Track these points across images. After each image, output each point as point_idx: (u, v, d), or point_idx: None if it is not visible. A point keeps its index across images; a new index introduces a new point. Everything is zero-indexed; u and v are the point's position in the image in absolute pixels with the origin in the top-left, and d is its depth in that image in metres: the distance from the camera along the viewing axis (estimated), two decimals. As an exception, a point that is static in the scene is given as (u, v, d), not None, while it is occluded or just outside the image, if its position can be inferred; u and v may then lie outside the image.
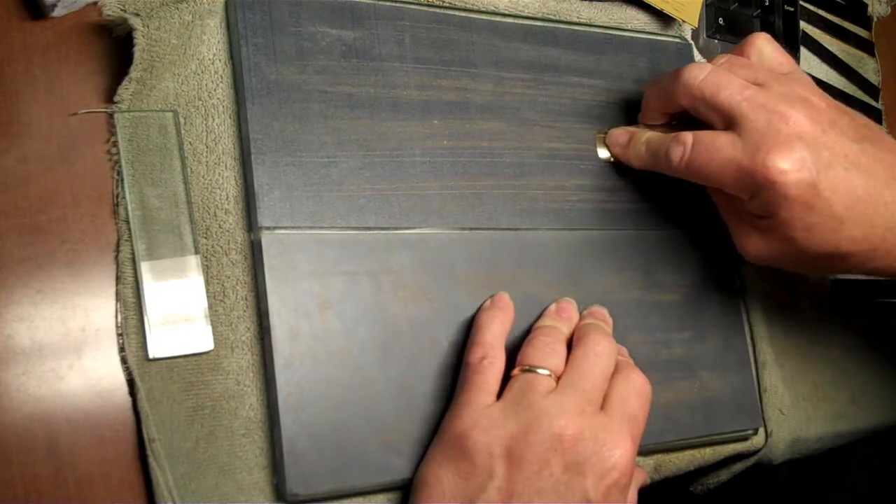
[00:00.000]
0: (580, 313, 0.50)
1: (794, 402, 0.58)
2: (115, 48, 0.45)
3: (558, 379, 0.44)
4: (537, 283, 0.51)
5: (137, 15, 0.44)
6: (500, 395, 0.44)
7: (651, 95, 0.53)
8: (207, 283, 0.44)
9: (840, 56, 0.74)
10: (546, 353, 0.45)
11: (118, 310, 0.42)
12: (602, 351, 0.45)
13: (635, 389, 0.45)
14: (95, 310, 0.42)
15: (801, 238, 0.46)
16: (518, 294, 0.50)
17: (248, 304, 0.44)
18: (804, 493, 0.66)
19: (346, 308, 0.45)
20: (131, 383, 0.42)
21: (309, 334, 0.44)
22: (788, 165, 0.45)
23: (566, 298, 0.50)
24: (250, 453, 0.43)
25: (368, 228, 0.47)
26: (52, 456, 0.40)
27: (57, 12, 0.44)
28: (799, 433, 0.59)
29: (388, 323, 0.46)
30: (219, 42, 0.47)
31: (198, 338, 0.43)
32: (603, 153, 0.55)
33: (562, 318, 0.48)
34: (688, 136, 0.49)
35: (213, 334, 0.43)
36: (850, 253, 0.47)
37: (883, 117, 0.75)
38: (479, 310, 0.48)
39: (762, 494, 0.66)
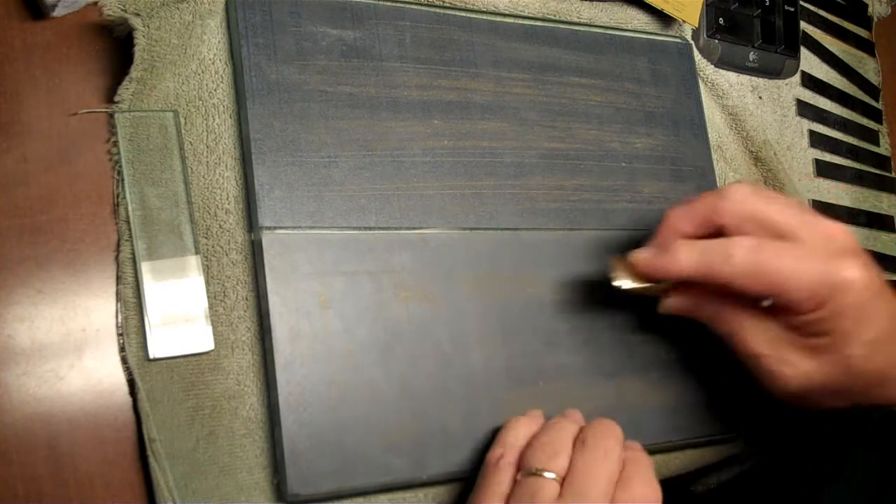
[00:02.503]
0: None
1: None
2: (116, 48, 0.45)
3: (563, 480, 0.42)
4: (537, 283, 0.51)
5: (138, 15, 0.44)
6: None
7: (679, 216, 0.48)
8: (208, 283, 0.44)
9: (840, 56, 0.74)
10: (548, 454, 0.43)
11: (118, 310, 0.42)
12: (606, 454, 0.43)
13: (646, 497, 0.43)
14: (96, 310, 0.42)
15: (858, 355, 0.46)
16: (518, 294, 0.50)
17: (249, 304, 0.44)
18: (804, 493, 0.66)
19: (347, 308, 0.45)
20: (132, 383, 0.42)
21: (309, 334, 0.44)
22: (864, 269, 0.45)
23: (573, 409, 0.48)
24: (251, 453, 0.43)
25: (369, 228, 0.47)
26: (53, 456, 0.40)
27: (57, 12, 0.44)
28: (799, 433, 0.59)
29: (389, 323, 0.46)
30: (219, 42, 0.47)
31: (198, 338, 0.43)
32: (622, 279, 0.48)
33: (568, 419, 0.47)
34: (748, 239, 0.46)
35: (214, 334, 0.43)
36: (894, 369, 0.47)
37: (883, 117, 0.76)
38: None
39: (761, 494, 0.66)
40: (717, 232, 0.47)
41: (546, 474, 0.42)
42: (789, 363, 0.47)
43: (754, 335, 0.48)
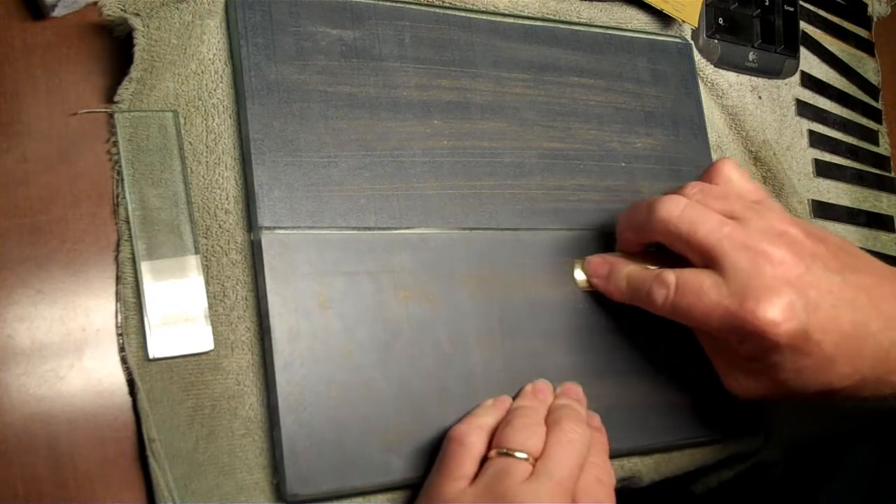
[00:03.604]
0: (554, 390, 0.49)
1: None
2: (115, 48, 0.45)
3: (535, 461, 0.43)
4: (537, 283, 0.51)
5: (137, 15, 0.44)
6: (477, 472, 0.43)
7: (626, 225, 0.50)
8: (207, 283, 0.44)
9: (840, 56, 0.74)
10: (525, 435, 0.43)
11: (118, 310, 0.42)
12: (576, 438, 0.44)
13: (600, 480, 0.44)
14: (95, 310, 0.42)
15: (792, 380, 0.45)
16: (518, 294, 0.50)
17: (249, 304, 0.44)
18: (801, 492, 0.66)
19: (347, 308, 0.45)
20: (131, 383, 0.42)
21: (309, 334, 0.44)
22: (779, 315, 0.43)
23: (542, 380, 0.49)
24: (250, 453, 0.43)
25: (369, 228, 0.47)
26: (52, 456, 0.40)
27: (57, 12, 0.44)
28: (798, 433, 0.59)
29: (389, 323, 0.46)
30: (219, 42, 0.47)
31: (198, 338, 0.43)
32: (580, 276, 0.52)
33: (538, 399, 0.47)
34: (670, 277, 0.46)
35: (213, 334, 0.43)
36: (841, 388, 0.46)
37: (882, 117, 0.76)
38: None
39: (760, 494, 0.66)
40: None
41: (518, 454, 0.42)
42: (732, 377, 0.48)
43: (711, 347, 0.50)
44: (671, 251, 0.48)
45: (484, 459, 0.43)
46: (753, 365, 0.46)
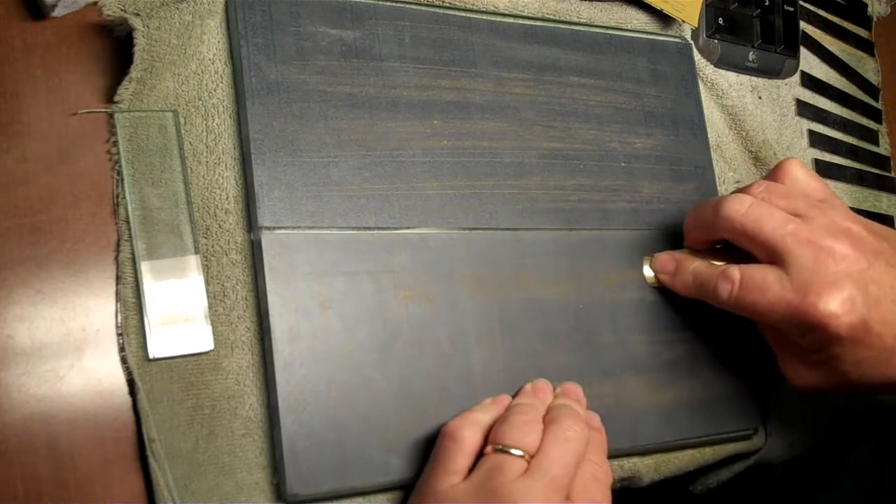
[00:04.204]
0: (554, 390, 0.49)
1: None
2: (115, 48, 0.45)
3: (531, 458, 0.43)
4: (537, 283, 0.51)
5: (137, 15, 0.44)
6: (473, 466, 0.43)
7: (692, 224, 0.52)
8: (207, 283, 0.44)
9: (840, 56, 0.74)
10: (523, 432, 0.43)
11: (118, 310, 0.42)
12: (573, 436, 0.44)
13: (597, 478, 0.44)
14: (95, 310, 0.42)
15: (853, 372, 0.47)
16: (518, 294, 0.50)
17: (248, 304, 0.44)
18: (801, 492, 0.66)
19: (347, 308, 0.45)
20: (131, 383, 0.42)
21: (309, 334, 0.44)
22: (839, 308, 0.45)
23: (542, 379, 0.49)
24: (250, 453, 0.43)
25: (368, 228, 0.47)
26: (52, 456, 0.40)
27: (57, 12, 0.44)
28: (798, 433, 0.59)
29: (389, 323, 0.46)
30: (219, 42, 0.47)
31: (198, 338, 0.43)
32: (649, 273, 0.54)
33: (538, 398, 0.47)
34: (735, 272, 0.48)
35: (213, 334, 0.43)
36: None
37: (883, 117, 0.76)
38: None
39: (760, 494, 0.66)
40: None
41: (514, 451, 0.42)
42: (793, 368, 0.50)
43: (774, 339, 0.51)
44: (737, 248, 0.49)
45: (480, 456, 0.43)
46: (815, 357, 0.47)
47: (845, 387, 0.48)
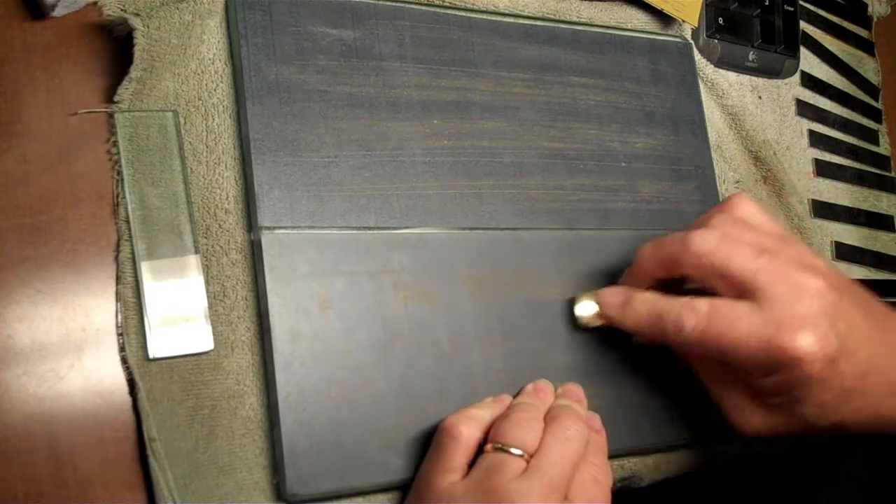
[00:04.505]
0: (555, 391, 0.49)
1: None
2: (115, 48, 0.45)
3: (531, 457, 0.42)
4: (537, 283, 0.51)
5: (137, 15, 0.44)
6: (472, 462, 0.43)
7: (651, 259, 0.48)
8: (207, 282, 0.44)
9: (840, 56, 0.74)
10: (523, 430, 0.43)
11: (118, 310, 0.42)
12: (573, 435, 0.43)
13: (597, 479, 0.44)
14: (95, 310, 0.42)
15: (813, 415, 0.45)
16: (518, 294, 0.50)
17: (248, 304, 0.44)
18: (801, 493, 0.66)
19: (347, 308, 0.45)
20: (131, 383, 0.42)
21: (309, 334, 0.44)
22: (817, 344, 0.43)
23: (543, 380, 0.49)
24: (250, 453, 0.43)
25: (368, 228, 0.47)
26: (52, 456, 0.40)
27: (57, 12, 0.44)
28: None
29: (389, 323, 0.46)
30: (219, 42, 0.47)
31: (198, 338, 0.43)
32: (583, 312, 0.50)
33: (538, 398, 0.47)
34: (701, 304, 0.45)
35: (213, 334, 0.43)
36: (853, 423, 0.46)
37: (883, 117, 0.76)
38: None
39: (760, 494, 0.66)
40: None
41: (513, 450, 0.42)
42: (743, 412, 0.48)
43: (714, 379, 0.49)
44: (678, 288, 0.48)
45: (480, 453, 0.43)
46: (773, 399, 0.46)
47: (800, 430, 0.46)
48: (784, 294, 0.44)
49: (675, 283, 0.48)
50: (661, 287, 0.48)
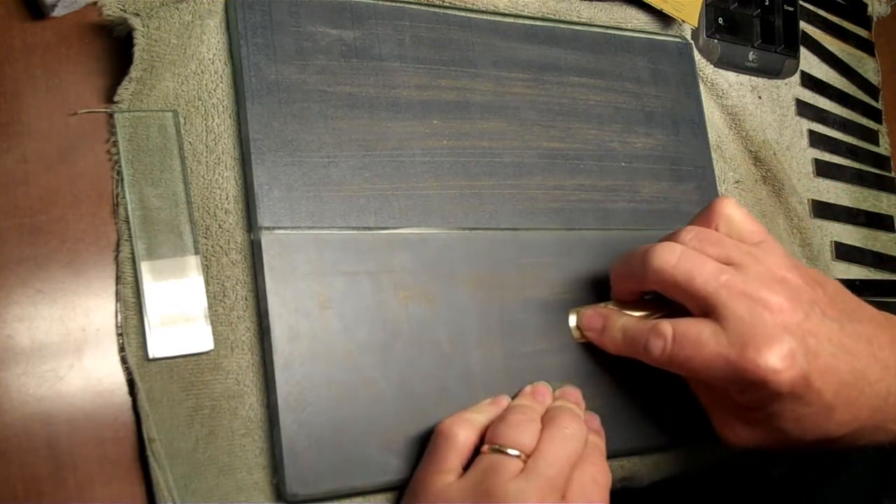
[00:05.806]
0: (553, 393, 0.48)
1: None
2: (116, 48, 0.45)
3: (528, 458, 0.42)
4: (537, 283, 0.51)
5: (137, 15, 0.44)
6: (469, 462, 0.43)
7: (621, 275, 0.49)
8: (207, 283, 0.44)
9: (840, 56, 0.74)
10: (520, 431, 0.43)
11: (118, 310, 0.42)
12: (570, 435, 0.43)
13: (595, 480, 0.43)
14: (95, 310, 0.42)
15: (792, 429, 0.45)
16: (518, 294, 0.50)
17: (248, 304, 0.44)
18: (801, 492, 0.66)
19: (346, 308, 0.45)
20: (131, 383, 0.42)
21: (309, 334, 0.44)
22: (780, 363, 0.42)
23: (542, 382, 0.49)
24: (250, 453, 0.43)
25: (368, 228, 0.47)
26: (52, 456, 0.40)
27: (57, 12, 0.44)
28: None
29: (388, 323, 0.46)
30: (219, 42, 0.47)
31: (198, 338, 0.43)
32: (573, 325, 0.51)
33: (536, 400, 0.47)
34: (666, 328, 0.45)
35: (213, 334, 0.43)
36: (839, 436, 0.45)
37: (882, 117, 0.76)
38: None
39: (760, 494, 0.66)
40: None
41: (510, 451, 0.42)
42: (729, 427, 0.48)
43: (706, 396, 0.49)
44: (667, 298, 0.47)
45: (477, 455, 0.43)
46: (753, 415, 0.46)
47: (785, 444, 0.46)
48: (746, 313, 0.43)
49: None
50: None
